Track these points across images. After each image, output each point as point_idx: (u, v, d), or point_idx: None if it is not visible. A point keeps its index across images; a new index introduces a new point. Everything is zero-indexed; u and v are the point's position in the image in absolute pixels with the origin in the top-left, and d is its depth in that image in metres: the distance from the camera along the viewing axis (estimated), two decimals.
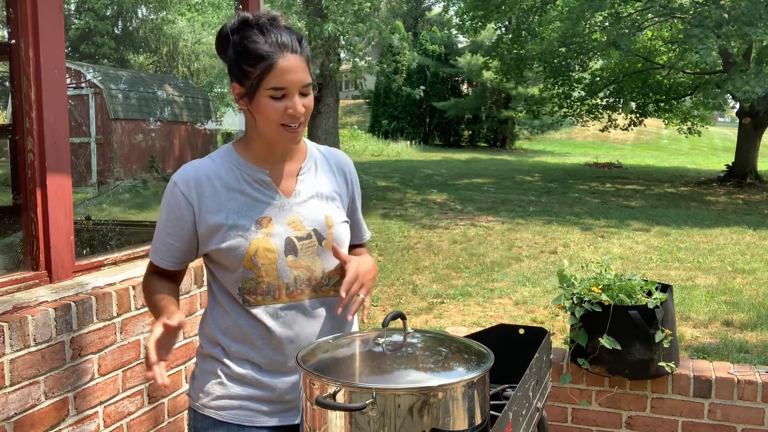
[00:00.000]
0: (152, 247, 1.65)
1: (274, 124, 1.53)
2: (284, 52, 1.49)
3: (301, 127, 1.56)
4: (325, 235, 1.63)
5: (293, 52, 1.50)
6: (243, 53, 1.50)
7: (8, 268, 2.29)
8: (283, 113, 1.51)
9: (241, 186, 1.59)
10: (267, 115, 1.52)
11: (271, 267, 1.57)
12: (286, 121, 1.52)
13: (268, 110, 1.51)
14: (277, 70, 1.48)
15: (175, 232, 1.60)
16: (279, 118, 1.52)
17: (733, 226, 10.96)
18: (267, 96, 1.50)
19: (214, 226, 1.57)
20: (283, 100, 1.50)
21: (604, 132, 21.24)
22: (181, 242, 1.60)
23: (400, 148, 26.67)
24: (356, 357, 1.49)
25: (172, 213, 1.59)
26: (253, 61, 1.49)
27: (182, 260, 1.64)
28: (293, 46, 1.50)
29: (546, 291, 6.76)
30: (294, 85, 1.50)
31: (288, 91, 1.50)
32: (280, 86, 1.49)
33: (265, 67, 1.48)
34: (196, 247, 1.62)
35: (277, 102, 1.50)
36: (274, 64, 1.48)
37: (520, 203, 13.29)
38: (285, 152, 1.64)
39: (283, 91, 1.50)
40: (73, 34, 19.64)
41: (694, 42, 13.56)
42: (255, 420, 1.61)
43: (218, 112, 15.99)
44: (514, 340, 2.13)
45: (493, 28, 21.26)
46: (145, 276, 1.70)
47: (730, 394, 2.83)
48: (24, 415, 2.03)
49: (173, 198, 1.59)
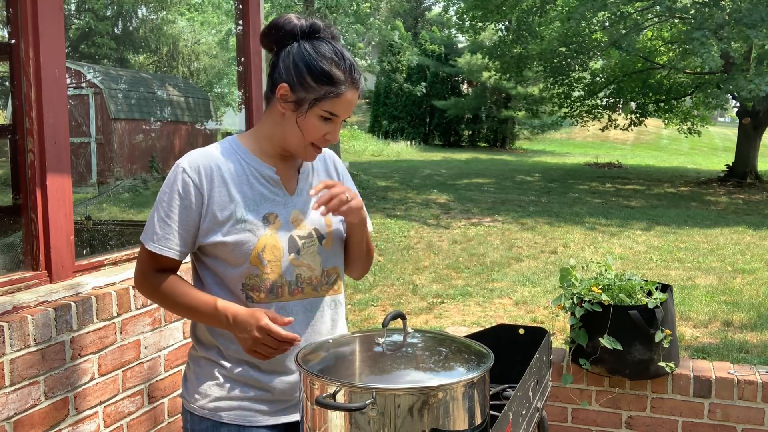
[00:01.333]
0: (154, 237, 1.54)
1: (307, 141, 1.56)
2: (353, 86, 1.53)
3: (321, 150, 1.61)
4: (324, 234, 1.64)
5: (357, 88, 1.55)
6: (313, 66, 1.51)
7: (8, 268, 2.29)
8: (321, 136, 1.55)
9: (248, 180, 1.58)
10: (309, 132, 1.54)
11: (276, 264, 1.57)
12: (319, 143, 1.57)
13: (312, 129, 1.54)
14: (342, 99, 1.52)
15: (183, 221, 1.55)
16: (315, 139, 1.55)
17: (733, 226, 10.96)
18: (317, 116, 1.53)
19: (221, 219, 1.54)
20: (329, 125, 1.55)
21: (604, 132, 21.25)
22: (188, 232, 1.56)
23: (400, 148, 26.67)
24: (356, 357, 1.49)
25: (182, 200, 1.54)
26: (322, 79, 1.51)
27: (188, 252, 1.59)
28: (360, 82, 1.55)
29: (546, 291, 6.76)
30: (345, 116, 1.55)
31: (337, 119, 1.55)
32: (336, 114, 1.53)
33: (331, 92, 1.51)
34: (196, 237, 1.57)
35: (324, 124, 1.54)
36: (342, 94, 1.52)
37: (520, 203, 13.29)
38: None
39: (335, 119, 1.54)
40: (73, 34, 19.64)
41: (695, 45, 13.55)
42: (254, 420, 1.61)
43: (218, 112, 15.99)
44: (514, 340, 2.13)
45: (493, 29, 21.25)
46: (144, 275, 1.59)
47: (730, 394, 2.83)
48: (24, 415, 2.03)
49: (183, 185, 1.54)
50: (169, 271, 1.59)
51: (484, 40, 24.65)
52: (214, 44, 21.83)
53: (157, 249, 1.55)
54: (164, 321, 2.62)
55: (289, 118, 1.55)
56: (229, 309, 1.51)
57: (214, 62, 22.08)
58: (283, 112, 1.55)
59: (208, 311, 1.53)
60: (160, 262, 1.57)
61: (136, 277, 1.62)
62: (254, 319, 1.47)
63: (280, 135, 1.58)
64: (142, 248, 1.58)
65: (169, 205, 1.55)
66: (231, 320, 1.50)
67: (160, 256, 1.55)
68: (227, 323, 1.51)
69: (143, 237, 1.57)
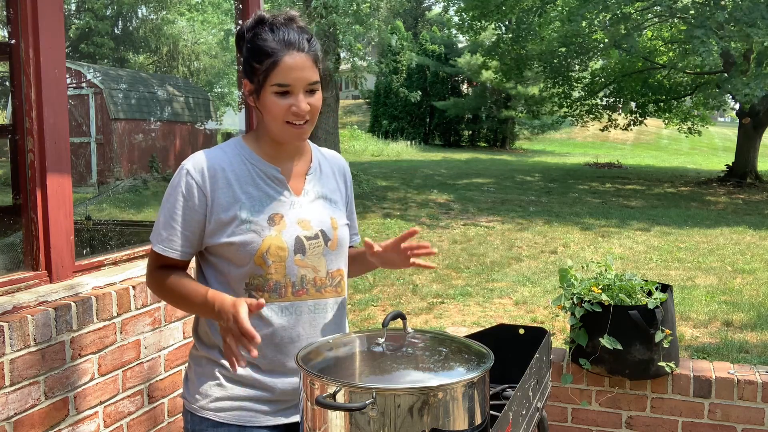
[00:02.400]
0: (159, 238, 1.57)
1: (279, 121, 1.54)
2: (290, 50, 1.50)
3: (308, 125, 1.56)
4: (330, 236, 1.64)
5: (299, 50, 1.51)
6: (252, 50, 1.53)
7: (8, 268, 2.29)
8: (287, 110, 1.52)
9: (254, 181, 1.59)
10: (272, 111, 1.53)
11: (280, 265, 1.57)
12: (290, 119, 1.53)
13: (272, 107, 1.52)
14: (281, 66, 1.50)
15: (187, 222, 1.56)
16: (283, 115, 1.53)
17: (733, 226, 10.96)
18: (272, 93, 1.51)
19: (226, 220, 1.55)
20: (287, 98, 1.52)
21: (604, 132, 21.25)
22: (192, 233, 1.57)
23: (400, 148, 26.67)
24: (356, 357, 1.49)
25: (186, 202, 1.55)
26: (260, 57, 1.51)
27: (194, 252, 1.61)
28: (300, 45, 1.51)
29: (546, 291, 6.76)
30: (298, 83, 1.51)
31: (292, 88, 1.51)
32: (284, 83, 1.50)
33: (270, 64, 1.50)
34: (202, 238, 1.58)
35: (282, 99, 1.52)
36: (278, 60, 1.50)
37: (520, 203, 13.29)
38: (294, 151, 1.64)
39: (287, 88, 1.51)
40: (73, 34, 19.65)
41: (695, 43, 13.56)
42: (255, 420, 1.60)
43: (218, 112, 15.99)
44: (514, 340, 2.13)
45: (492, 28, 21.25)
46: (151, 272, 1.62)
47: (730, 394, 2.83)
48: (24, 415, 2.03)
49: (187, 187, 1.55)
50: (177, 269, 1.61)
51: (484, 40, 24.65)
52: (214, 44, 21.84)
53: (161, 250, 1.58)
54: (164, 321, 2.62)
55: (257, 108, 1.56)
56: (217, 297, 1.49)
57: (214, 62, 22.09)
58: (254, 106, 1.57)
59: (199, 300, 1.52)
60: (166, 261, 1.60)
61: (146, 273, 1.66)
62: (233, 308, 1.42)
63: (265, 129, 1.59)
64: (150, 248, 1.62)
65: (174, 207, 1.56)
66: (216, 308, 1.47)
67: (165, 256, 1.58)
68: (213, 311, 1.49)
69: (151, 237, 1.60)
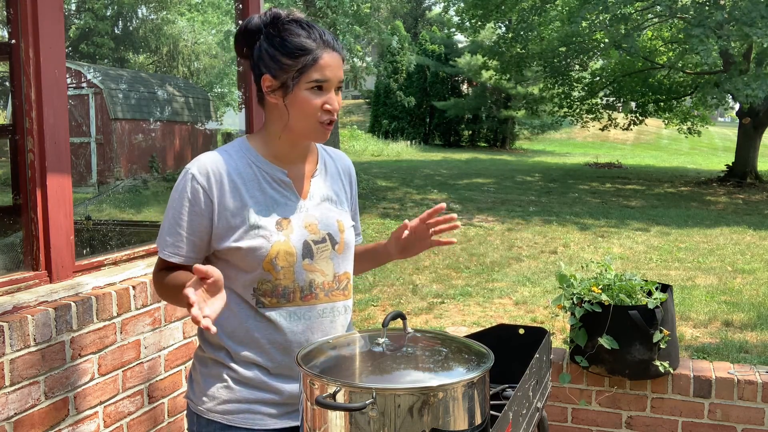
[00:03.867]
0: (164, 243, 1.56)
1: (311, 119, 1.53)
2: (327, 48, 1.52)
3: (332, 124, 1.57)
4: (337, 239, 1.62)
5: (335, 50, 1.53)
6: (283, 45, 1.51)
7: (8, 268, 2.29)
8: (320, 107, 1.52)
9: (260, 184, 1.57)
10: (304, 108, 1.52)
11: (289, 270, 1.55)
12: (323, 117, 1.53)
13: (305, 104, 1.52)
14: (321, 63, 1.51)
15: (193, 227, 1.53)
16: (316, 113, 1.52)
17: (733, 226, 10.96)
18: (307, 89, 1.51)
19: (234, 224, 1.53)
20: (321, 95, 1.52)
21: (604, 132, 21.26)
22: (199, 238, 1.54)
23: (400, 148, 26.67)
24: (356, 357, 1.49)
25: (191, 207, 1.53)
26: (296, 53, 1.50)
27: (201, 257, 1.58)
28: (335, 44, 1.54)
29: (546, 291, 6.76)
30: (334, 80, 1.53)
31: (328, 85, 1.52)
32: (322, 79, 1.51)
33: (309, 60, 1.50)
34: (209, 243, 1.56)
35: (316, 96, 1.52)
36: (318, 57, 1.50)
37: (520, 203, 13.29)
38: (303, 152, 1.63)
39: (324, 84, 1.52)
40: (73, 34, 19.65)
41: (694, 42, 13.56)
42: (263, 423, 1.59)
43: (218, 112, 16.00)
44: (514, 340, 2.13)
45: (492, 28, 21.26)
46: (155, 275, 1.61)
47: (730, 394, 2.83)
48: (24, 415, 2.03)
49: (193, 191, 1.53)
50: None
51: (484, 39, 24.66)
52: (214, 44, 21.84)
53: (166, 256, 1.56)
54: (164, 321, 2.62)
55: (283, 105, 1.54)
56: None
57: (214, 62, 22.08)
58: (276, 103, 1.54)
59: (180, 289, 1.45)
60: (172, 267, 1.58)
61: (153, 280, 1.64)
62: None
63: (287, 128, 1.56)
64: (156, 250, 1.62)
65: (179, 212, 1.54)
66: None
67: (171, 262, 1.57)
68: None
69: (157, 242, 1.59)
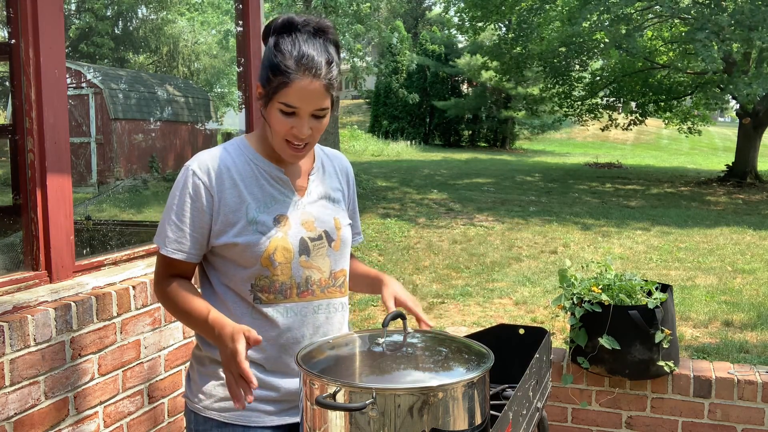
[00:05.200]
0: (166, 241, 1.55)
1: (278, 138, 1.53)
2: (305, 74, 1.46)
3: (306, 148, 1.55)
4: (334, 236, 1.64)
5: (315, 77, 1.46)
6: (270, 60, 1.49)
7: (8, 268, 2.29)
8: (288, 130, 1.51)
9: (258, 181, 1.58)
10: (274, 126, 1.52)
11: (286, 266, 1.56)
12: (290, 139, 1.52)
13: (275, 122, 1.51)
14: (291, 88, 1.46)
15: (195, 223, 1.54)
16: (284, 133, 1.51)
17: (733, 226, 10.96)
18: (278, 109, 1.49)
19: (233, 220, 1.54)
20: (291, 118, 1.50)
21: (604, 132, 21.25)
22: (201, 235, 1.56)
23: (400, 148, 26.66)
24: (356, 357, 1.49)
25: (193, 203, 1.54)
26: (275, 71, 1.47)
27: (201, 254, 1.59)
28: (317, 70, 1.46)
29: (546, 291, 6.76)
30: (306, 107, 1.48)
31: (299, 111, 1.49)
32: (291, 104, 1.48)
33: (281, 82, 1.47)
34: (208, 239, 1.57)
35: (286, 117, 1.50)
36: (290, 83, 1.46)
37: (520, 203, 13.29)
38: None
39: (294, 110, 1.48)
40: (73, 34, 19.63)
41: (698, 47, 13.55)
42: (260, 420, 1.60)
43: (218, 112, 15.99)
44: (514, 340, 2.13)
45: (492, 29, 21.25)
46: (159, 279, 1.60)
47: (730, 394, 2.83)
48: (24, 415, 2.02)
49: (194, 187, 1.54)
50: (184, 276, 1.60)
51: (484, 40, 24.65)
52: (214, 44, 21.83)
53: (170, 253, 1.55)
54: (164, 321, 2.62)
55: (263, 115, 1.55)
56: (217, 323, 1.47)
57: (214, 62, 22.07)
58: (262, 110, 1.55)
59: (201, 320, 1.51)
60: (175, 265, 1.58)
61: (154, 282, 1.63)
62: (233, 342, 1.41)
63: (268, 134, 1.58)
64: (157, 252, 1.59)
65: (181, 209, 1.54)
66: (216, 335, 1.47)
67: (174, 259, 1.56)
68: (214, 336, 1.48)
69: (156, 240, 1.58)
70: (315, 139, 1.56)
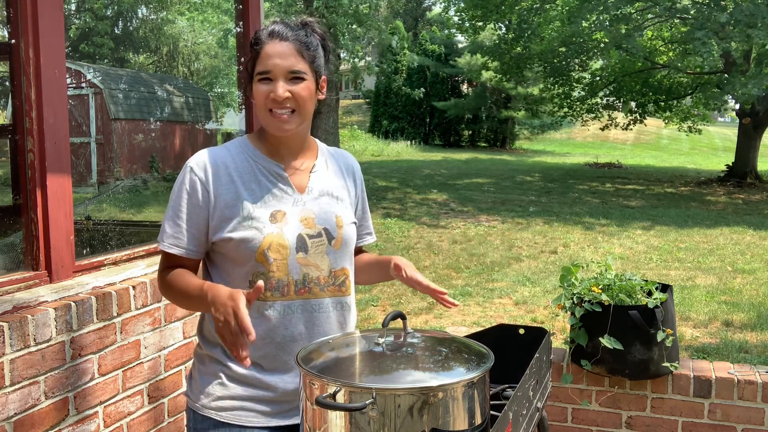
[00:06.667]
0: (164, 236, 1.57)
1: (263, 110, 1.57)
2: (273, 39, 1.55)
3: (294, 116, 1.56)
4: (335, 234, 1.64)
5: (282, 39, 1.54)
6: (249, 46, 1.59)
7: (8, 268, 2.29)
8: (266, 97, 1.55)
9: (256, 177, 1.59)
10: (257, 100, 1.57)
11: (282, 263, 1.56)
12: (272, 107, 1.55)
13: (256, 95, 1.56)
14: (262, 54, 1.55)
15: (192, 219, 1.57)
16: (264, 103, 1.55)
17: (733, 226, 10.96)
18: (257, 81, 1.56)
19: (229, 216, 1.55)
20: (267, 84, 1.55)
21: (604, 132, 21.26)
22: (198, 230, 1.57)
23: (400, 148, 26.67)
24: (356, 357, 1.49)
25: (190, 199, 1.56)
26: (251, 50, 1.57)
27: (203, 249, 1.60)
28: (283, 34, 1.55)
29: (546, 291, 6.76)
30: (277, 70, 1.53)
31: (272, 75, 1.54)
32: (264, 70, 1.54)
33: (255, 53, 1.55)
34: (207, 235, 1.59)
35: (264, 86, 1.55)
36: (260, 49, 1.55)
37: (520, 203, 13.29)
38: (298, 147, 1.65)
39: (267, 75, 1.54)
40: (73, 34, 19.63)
41: (697, 44, 13.55)
42: (257, 420, 1.60)
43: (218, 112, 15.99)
44: (514, 340, 2.13)
45: (492, 28, 21.25)
46: (160, 273, 1.62)
47: (730, 394, 2.83)
48: (24, 415, 2.02)
49: (191, 183, 1.57)
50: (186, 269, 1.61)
51: (484, 40, 24.65)
52: (214, 44, 21.84)
53: (167, 247, 1.58)
54: (164, 321, 2.62)
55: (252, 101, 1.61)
56: (211, 288, 1.45)
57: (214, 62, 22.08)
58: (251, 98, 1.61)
59: (195, 293, 1.50)
60: (174, 260, 1.60)
61: (157, 277, 1.65)
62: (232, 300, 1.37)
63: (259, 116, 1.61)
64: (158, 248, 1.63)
65: (178, 205, 1.57)
66: (209, 299, 1.42)
67: (172, 255, 1.58)
68: (207, 303, 1.44)
69: (158, 237, 1.60)
70: (301, 107, 1.56)
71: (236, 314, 1.35)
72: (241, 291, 1.39)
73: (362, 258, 1.80)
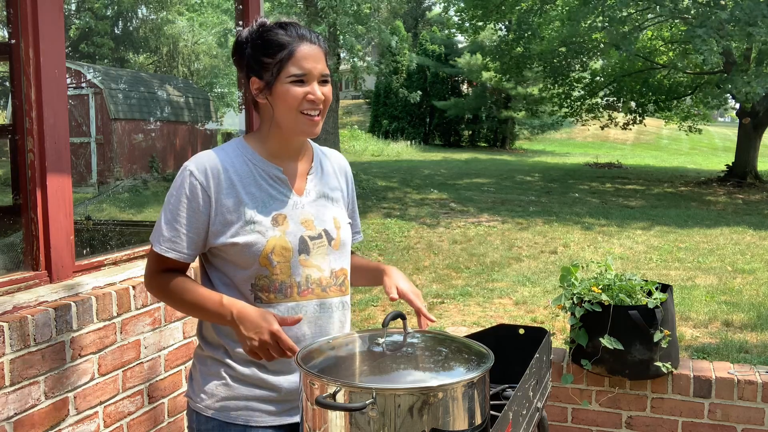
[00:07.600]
0: (161, 239, 1.56)
1: (293, 112, 1.55)
2: (303, 41, 1.55)
3: (320, 117, 1.58)
4: (333, 235, 1.65)
5: (312, 43, 1.56)
6: (262, 45, 1.55)
7: (8, 268, 2.29)
8: (302, 99, 1.54)
9: (256, 181, 1.59)
10: (287, 101, 1.54)
11: (285, 265, 1.57)
12: (306, 108, 1.55)
13: (288, 96, 1.54)
14: (297, 56, 1.53)
15: (191, 224, 1.55)
16: (299, 105, 1.54)
17: (733, 226, 10.96)
18: (287, 83, 1.54)
19: (230, 220, 1.55)
20: (303, 86, 1.54)
21: (604, 132, 21.28)
22: (197, 235, 1.56)
23: (400, 148, 26.66)
24: (356, 357, 1.49)
25: (189, 203, 1.55)
26: (273, 50, 1.54)
27: (197, 253, 1.60)
28: (311, 38, 1.56)
29: (546, 291, 6.76)
30: (314, 72, 1.54)
31: (308, 77, 1.54)
32: (300, 72, 1.53)
33: (286, 54, 1.53)
34: (206, 239, 1.58)
35: (297, 88, 1.54)
36: (294, 50, 1.53)
37: (520, 203, 13.29)
38: (297, 150, 1.65)
39: (303, 77, 1.54)
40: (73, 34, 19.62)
41: (697, 43, 13.55)
42: (261, 420, 1.61)
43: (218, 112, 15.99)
44: (514, 340, 2.13)
45: (492, 29, 21.26)
46: (152, 275, 1.60)
47: (730, 394, 2.83)
48: (24, 415, 2.02)
49: (191, 188, 1.55)
50: (177, 271, 1.60)
51: (484, 40, 24.65)
52: (213, 44, 21.83)
53: (164, 251, 1.56)
54: (164, 321, 2.62)
55: (269, 104, 1.58)
56: (235, 305, 1.50)
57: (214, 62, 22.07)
58: (265, 102, 1.58)
59: (214, 307, 1.52)
60: (168, 263, 1.59)
61: (145, 276, 1.64)
62: (266, 322, 1.45)
63: (276, 125, 1.59)
64: (150, 249, 1.60)
65: (177, 208, 1.55)
66: (235, 316, 1.48)
67: (167, 258, 1.57)
68: (230, 319, 1.49)
69: (152, 238, 1.59)
70: (326, 109, 1.60)
71: (276, 336, 1.44)
72: (271, 312, 1.48)
73: (355, 262, 1.81)
